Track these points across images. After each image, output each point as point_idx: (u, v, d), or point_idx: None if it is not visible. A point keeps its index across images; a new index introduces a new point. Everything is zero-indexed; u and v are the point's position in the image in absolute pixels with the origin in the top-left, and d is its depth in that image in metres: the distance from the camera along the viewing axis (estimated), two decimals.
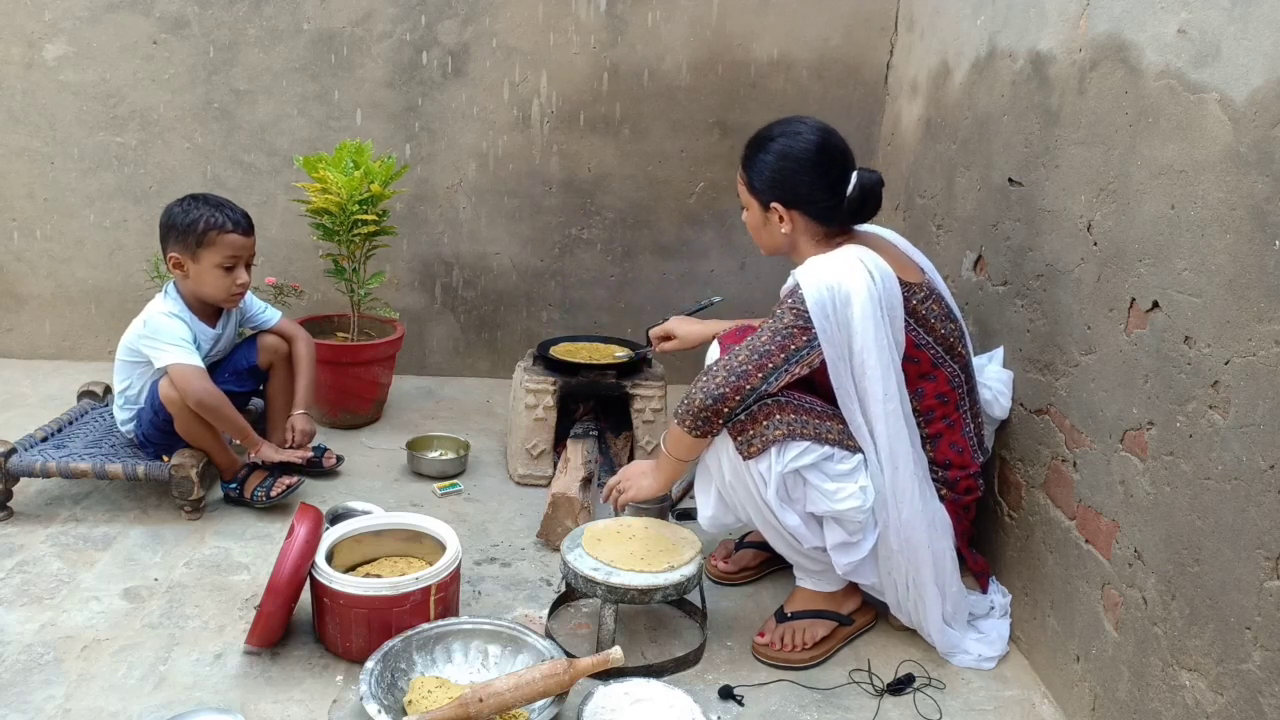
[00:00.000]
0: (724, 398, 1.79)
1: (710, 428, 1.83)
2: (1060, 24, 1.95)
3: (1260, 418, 1.31)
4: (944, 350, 1.90)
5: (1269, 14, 1.33)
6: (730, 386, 1.79)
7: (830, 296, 1.76)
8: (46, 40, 3.09)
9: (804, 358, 1.80)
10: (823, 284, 1.77)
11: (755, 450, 1.80)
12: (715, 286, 3.34)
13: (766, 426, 1.80)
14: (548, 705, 1.65)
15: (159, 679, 1.78)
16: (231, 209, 2.36)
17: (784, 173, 1.89)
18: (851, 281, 1.77)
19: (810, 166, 1.88)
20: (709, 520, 1.98)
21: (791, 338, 1.80)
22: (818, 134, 1.90)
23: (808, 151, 1.88)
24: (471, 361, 3.49)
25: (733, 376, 1.80)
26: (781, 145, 1.90)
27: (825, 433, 1.82)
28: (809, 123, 1.93)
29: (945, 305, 1.93)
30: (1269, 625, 1.28)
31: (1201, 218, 1.46)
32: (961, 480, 1.96)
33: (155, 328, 2.32)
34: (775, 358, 1.80)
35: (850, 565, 1.89)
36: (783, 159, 1.89)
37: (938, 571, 1.90)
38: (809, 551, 1.92)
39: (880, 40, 3.22)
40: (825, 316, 1.77)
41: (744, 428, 1.81)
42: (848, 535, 1.86)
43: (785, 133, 1.91)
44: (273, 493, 2.39)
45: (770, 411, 1.80)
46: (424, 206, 3.31)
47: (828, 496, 1.82)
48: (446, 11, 3.13)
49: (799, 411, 1.82)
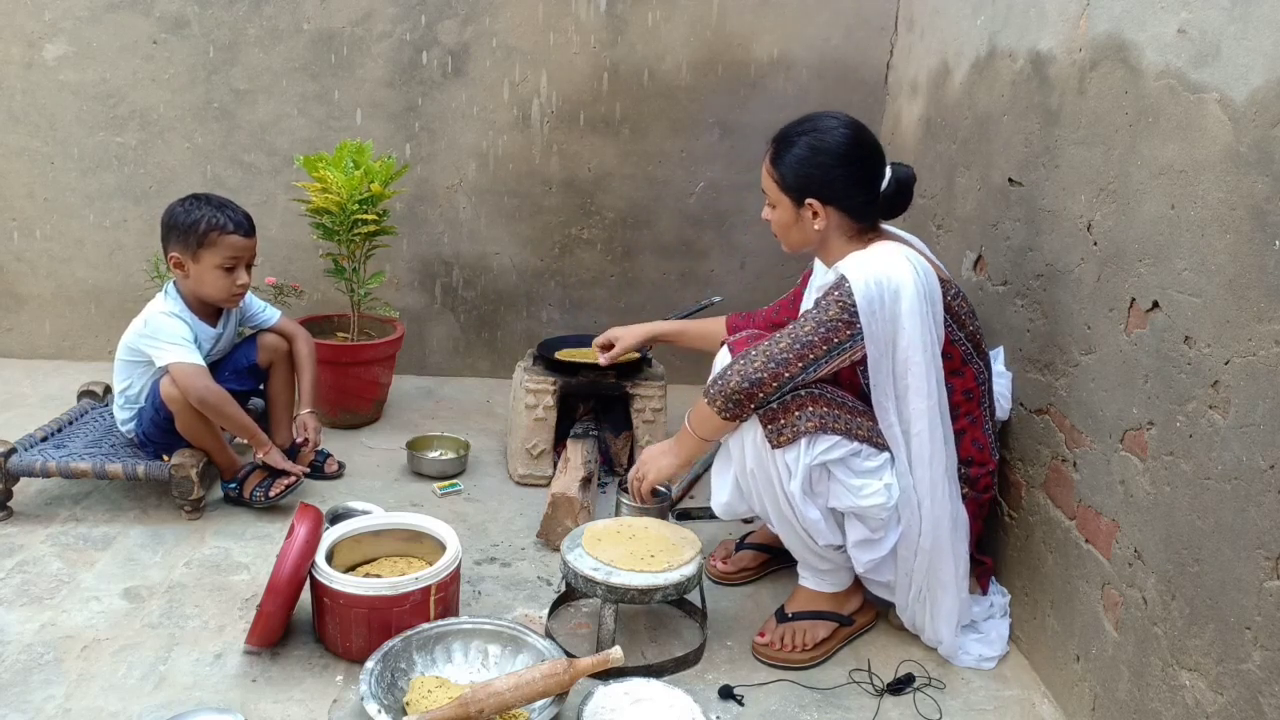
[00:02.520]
0: (761, 383, 1.77)
1: (740, 411, 1.81)
2: (1060, 24, 1.95)
3: (1260, 418, 1.31)
4: (973, 346, 1.90)
5: (1269, 14, 1.33)
6: (769, 373, 1.77)
7: (879, 291, 1.75)
8: (46, 40, 3.09)
9: (846, 351, 1.79)
10: (872, 278, 1.76)
11: (785, 440, 1.78)
12: (715, 286, 3.34)
13: (799, 417, 1.78)
14: (548, 705, 1.65)
15: (159, 679, 1.78)
16: (233, 210, 2.36)
17: (820, 168, 1.87)
18: (901, 275, 1.76)
19: (845, 161, 1.87)
20: (722, 506, 1.97)
21: (836, 330, 1.78)
22: (850, 128, 1.89)
23: (842, 145, 1.87)
24: (471, 361, 3.49)
25: (772, 363, 1.77)
26: (813, 140, 1.88)
27: (856, 429, 1.81)
28: (840, 117, 1.91)
29: (969, 303, 1.94)
30: (1269, 625, 1.28)
31: (1201, 218, 1.46)
32: (981, 478, 1.96)
33: (156, 327, 2.32)
34: (818, 349, 1.78)
35: (871, 563, 1.88)
36: (817, 153, 1.87)
37: (957, 572, 1.90)
38: (821, 549, 1.91)
39: (880, 40, 3.22)
40: (873, 311, 1.75)
41: (775, 416, 1.79)
42: (870, 532, 1.85)
43: (817, 128, 1.89)
44: (272, 493, 2.39)
45: (804, 403, 1.78)
46: (424, 206, 3.31)
47: (853, 492, 1.81)
48: (446, 11, 3.13)
49: (832, 405, 1.80)
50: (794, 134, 1.91)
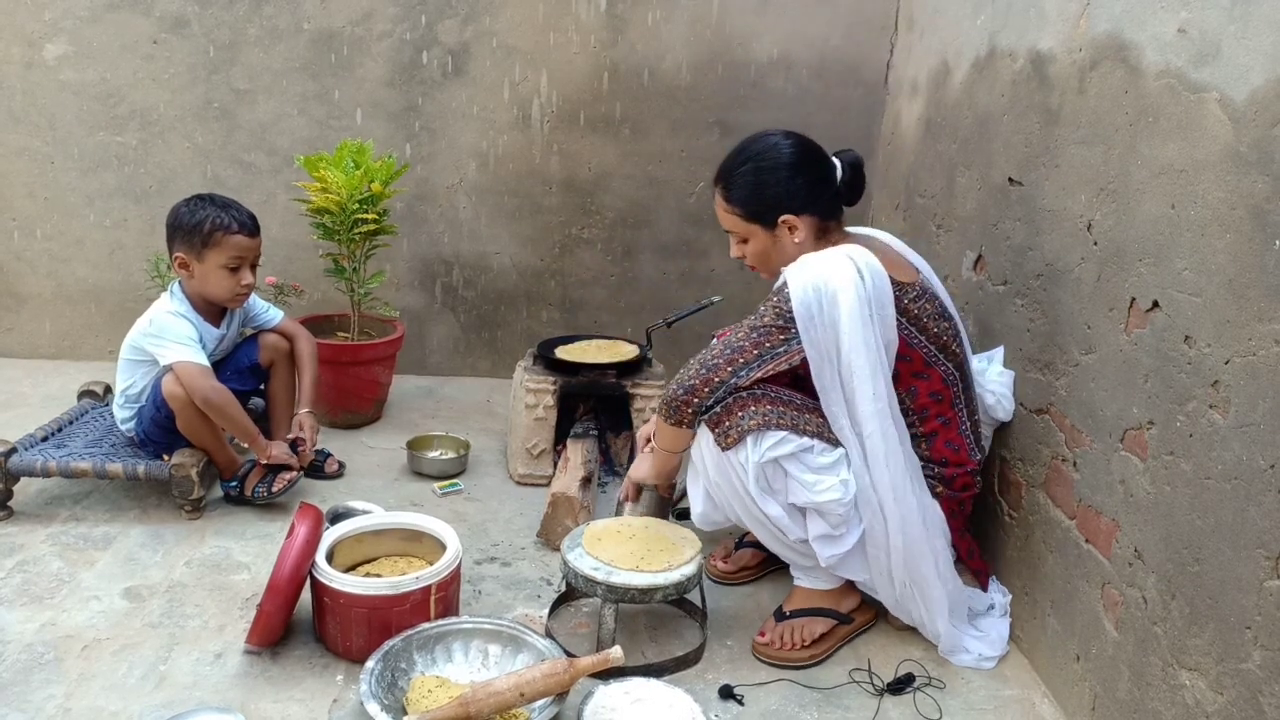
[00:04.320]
0: (694, 389, 1.84)
1: (681, 416, 1.87)
2: (1060, 23, 1.95)
3: (1260, 417, 1.31)
4: (937, 349, 1.90)
5: (1269, 14, 1.33)
6: (700, 379, 1.83)
7: (816, 297, 1.77)
8: (46, 40, 3.09)
9: (780, 355, 1.82)
10: (809, 284, 1.78)
11: (732, 440, 1.82)
12: (715, 286, 3.34)
13: (741, 417, 1.82)
14: (548, 705, 1.65)
15: (159, 678, 1.78)
16: (238, 210, 2.36)
17: (777, 184, 1.90)
18: (839, 280, 1.77)
19: (798, 168, 1.90)
20: (699, 517, 2.00)
21: (767, 335, 1.81)
22: (788, 137, 1.93)
23: (788, 156, 1.91)
24: (472, 361, 3.50)
25: (704, 369, 1.84)
26: (759, 162, 1.91)
27: (804, 425, 1.83)
28: (772, 133, 1.95)
29: (939, 305, 1.93)
30: (1269, 625, 1.28)
31: (1201, 217, 1.46)
32: (959, 477, 1.96)
33: (161, 326, 2.32)
34: (748, 353, 1.82)
35: (833, 558, 1.89)
36: (767, 173, 1.91)
37: (938, 565, 1.90)
38: (795, 544, 1.93)
39: (880, 40, 3.22)
40: (810, 317, 1.77)
41: (720, 419, 1.84)
42: (830, 528, 1.86)
43: (756, 152, 1.93)
44: (274, 488, 2.40)
45: (745, 403, 1.83)
46: (424, 206, 3.32)
47: (807, 487, 1.83)
48: (446, 11, 3.14)
49: (775, 403, 1.84)
50: (735, 168, 1.94)
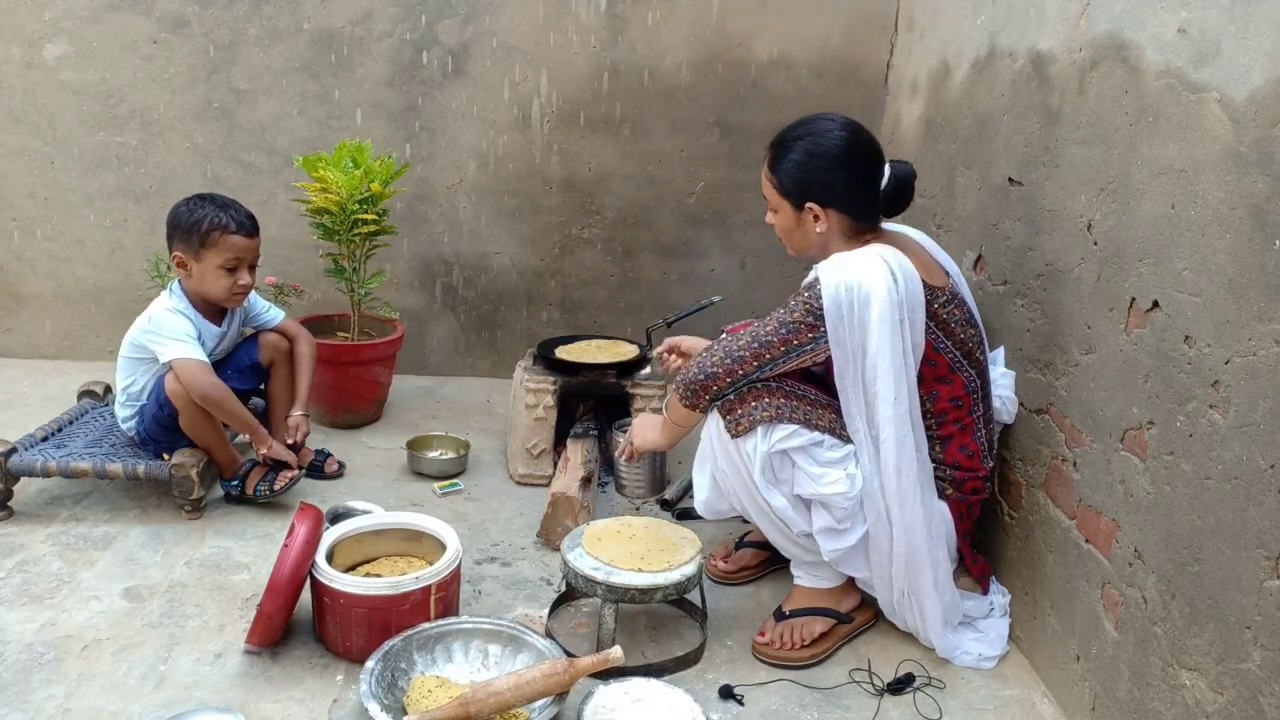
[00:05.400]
0: (715, 376, 1.83)
1: (697, 400, 1.87)
2: (1060, 23, 1.95)
3: (1260, 417, 1.31)
4: (962, 355, 1.88)
5: (1269, 14, 1.33)
6: (724, 368, 1.82)
7: (849, 297, 1.75)
8: (46, 40, 3.09)
9: (806, 353, 1.81)
10: (842, 283, 1.75)
11: (743, 429, 1.82)
12: (715, 286, 3.34)
13: (755, 408, 1.81)
14: (548, 705, 1.65)
15: (159, 678, 1.78)
16: (237, 210, 2.36)
17: (816, 171, 1.86)
18: (872, 281, 1.75)
19: (843, 163, 1.86)
20: (704, 504, 1.99)
21: (797, 333, 1.80)
22: (847, 129, 1.88)
23: (838, 148, 1.86)
24: (472, 361, 3.50)
25: (729, 359, 1.82)
26: (810, 144, 1.87)
27: (815, 419, 1.83)
28: (836, 119, 1.90)
29: (967, 310, 1.91)
30: (1269, 625, 1.28)
31: (1201, 217, 1.46)
32: (969, 481, 1.96)
33: (160, 323, 2.33)
34: (775, 349, 1.80)
35: (836, 552, 1.88)
36: (813, 157, 1.86)
37: (936, 576, 1.90)
38: (798, 538, 1.92)
39: (880, 40, 3.22)
40: (840, 317, 1.75)
41: (732, 407, 1.83)
42: (834, 522, 1.85)
43: (813, 131, 1.88)
44: (276, 486, 2.40)
45: (760, 394, 1.82)
46: (424, 206, 3.32)
47: (814, 479, 1.82)
48: (446, 11, 3.13)
49: (789, 397, 1.83)
50: (791, 138, 1.90)
